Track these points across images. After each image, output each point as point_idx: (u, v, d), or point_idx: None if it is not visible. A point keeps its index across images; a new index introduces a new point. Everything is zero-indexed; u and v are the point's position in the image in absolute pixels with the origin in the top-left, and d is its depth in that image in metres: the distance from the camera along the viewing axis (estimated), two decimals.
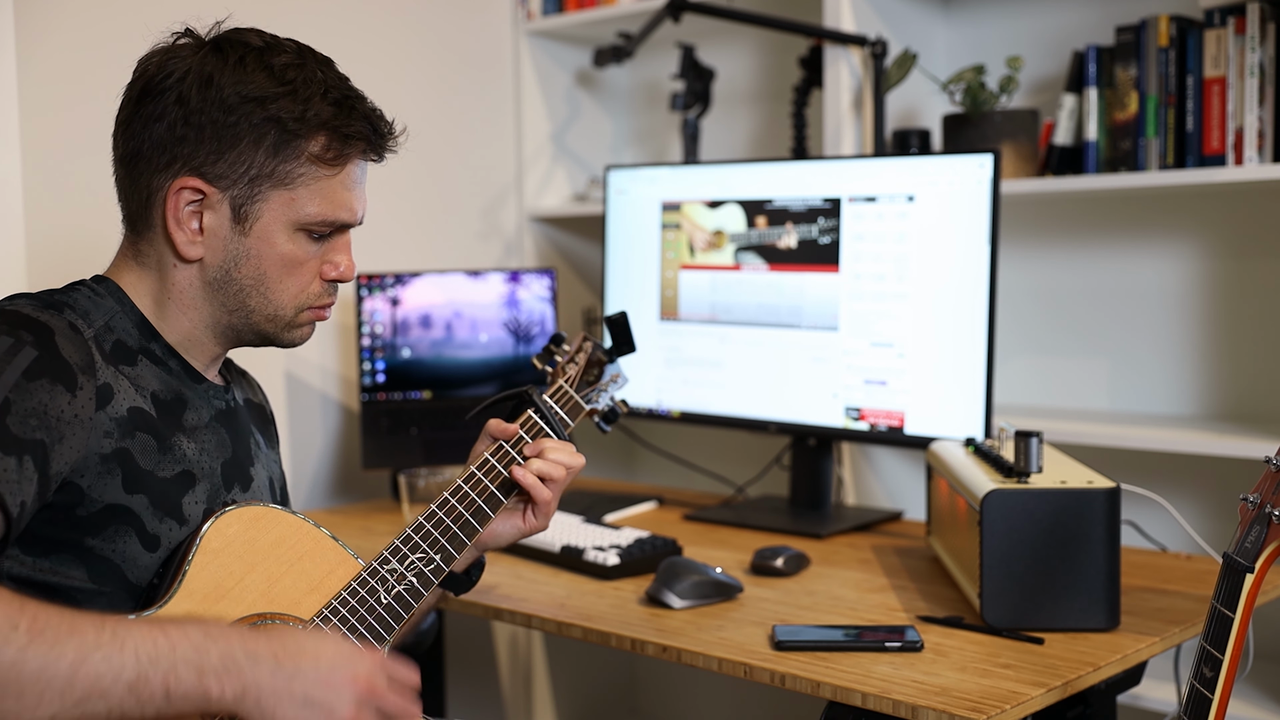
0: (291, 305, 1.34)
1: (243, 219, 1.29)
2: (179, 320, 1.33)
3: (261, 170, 1.28)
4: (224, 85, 1.26)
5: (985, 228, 1.97)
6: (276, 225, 1.30)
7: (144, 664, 1.04)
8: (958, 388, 2.00)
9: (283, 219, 1.30)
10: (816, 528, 2.10)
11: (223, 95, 1.26)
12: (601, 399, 1.68)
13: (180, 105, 1.26)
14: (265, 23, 1.42)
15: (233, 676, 1.08)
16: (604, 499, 2.36)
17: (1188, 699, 1.32)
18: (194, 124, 1.26)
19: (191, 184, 1.27)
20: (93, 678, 1.02)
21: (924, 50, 2.49)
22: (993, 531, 1.56)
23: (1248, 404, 2.27)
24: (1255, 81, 2.01)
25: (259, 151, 1.27)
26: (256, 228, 1.29)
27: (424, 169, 2.71)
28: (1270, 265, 2.23)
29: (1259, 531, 1.27)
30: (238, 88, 1.27)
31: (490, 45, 2.85)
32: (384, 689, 1.16)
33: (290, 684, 1.10)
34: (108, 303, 1.30)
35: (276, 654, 1.11)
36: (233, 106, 1.26)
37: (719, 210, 2.25)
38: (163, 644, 1.06)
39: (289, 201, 1.30)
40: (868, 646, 1.51)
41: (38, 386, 1.15)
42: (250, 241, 1.30)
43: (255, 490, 1.39)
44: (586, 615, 1.67)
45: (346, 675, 1.13)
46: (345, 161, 1.32)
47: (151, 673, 1.05)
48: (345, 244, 1.37)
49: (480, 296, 2.55)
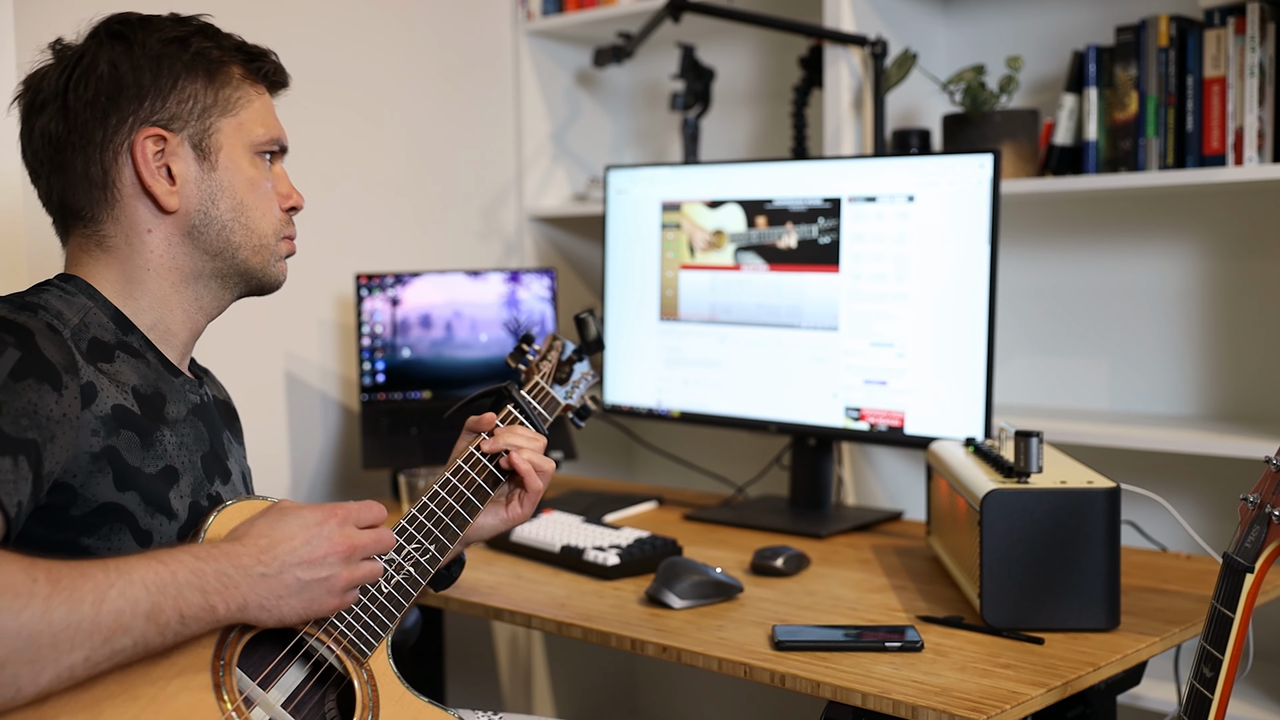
0: (271, 232, 1.37)
1: (206, 154, 1.32)
2: (153, 296, 1.33)
3: (206, 102, 1.32)
4: (143, 40, 1.30)
5: (985, 228, 1.97)
6: (237, 152, 1.34)
7: (154, 593, 1.10)
8: (958, 388, 2.00)
9: (240, 145, 1.34)
10: (816, 528, 2.10)
11: (146, 47, 1.29)
12: (575, 395, 1.72)
13: (111, 68, 1.28)
14: (265, 22, 1.43)
15: (231, 591, 1.14)
16: (604, 499, 2.36)
17: (1188, 699, 1.32)
18: (129, 80, 1.28)
19: (151, 133, 1.29)
20: (114, 614, 1.07)
21: (924, 50, 2.49)
22: (993, 531, 1.56)
23: (1248, 404, 2.27)
24: (1255, 81, 2.01)
25: (197, 84, 1.31)
26: (221, 159, 1.33)
27: (424, 169, 2.71)
28: (1270, 265, 2.23)
29: (1259, 531, 1.27)
30: (157, 35, 1.31)
31: (490, 45, 2.85)
32: (359, 537, 1.24)
33: (281, 578, 1.18)
34: (79, 300, 1.29)
35: (259, 557, 1.17)
36: (159, 54, 1.30)
37: (719, 210, 2.25)
38: (164, 572, 1.11)
39: (239, 127, 1.34)
40: (868, 646, 1.51)
41: (25, 386, 1.15)
42: (220, 174, 1.33)
43: (234, 484, 1.39)
44: (586, 615, 1.67)
45: (324, 545, 1.21)
46: (264, 84, 1.38)
47: (163, 600, 1.10)
48: (285, 174, 1.41)
49: (480, 296, 2.55)
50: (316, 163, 2.50)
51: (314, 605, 1.20)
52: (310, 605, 1.20)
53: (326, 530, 1.22)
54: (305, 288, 2.49)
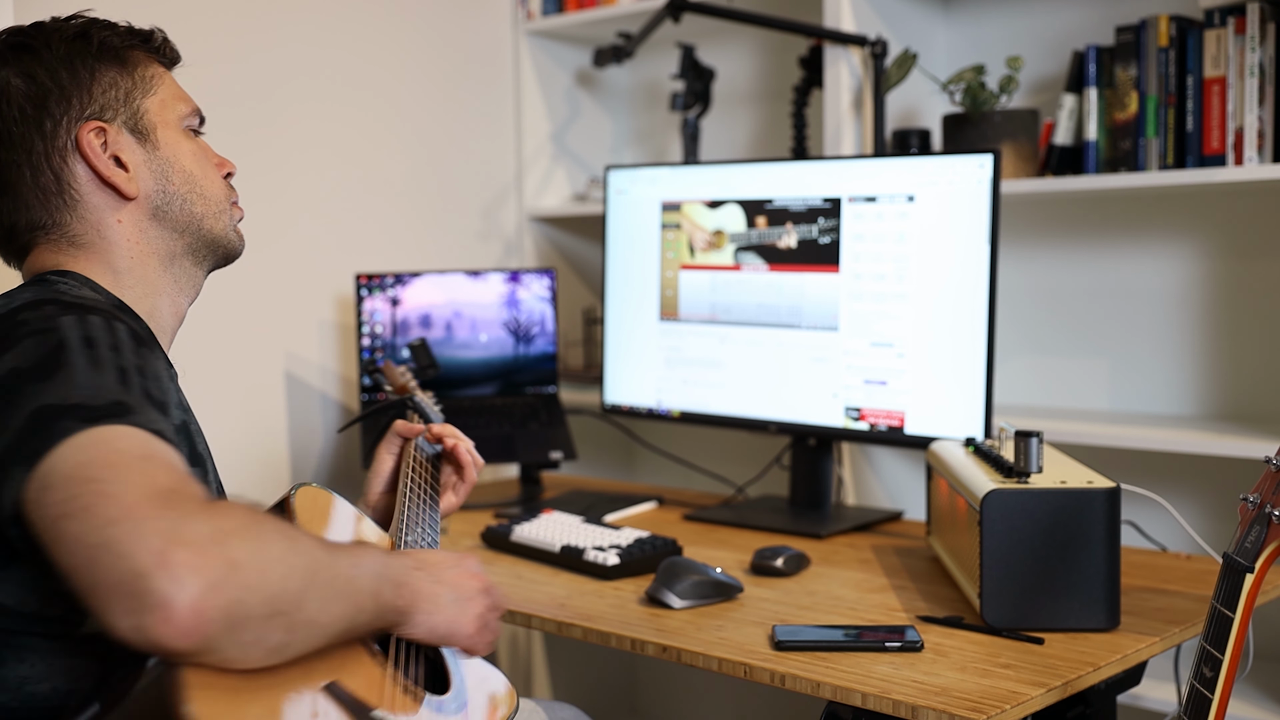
0: (223, 195, 1.39)
1: (144, 136, 1.33)
2: (143, 284, 1.33)
3: (127, 86, 1.32)
4: (46, 43, 1.30)
5: (985, 228, 1.97)
6: (170, 128, 1.35)
7: (375, 578, 1.12)
8: (958, 388, 2.00)
9: (169, 121, 1.35)
10: (816, 528, 2.10)
11: (53, 49, 1.29)
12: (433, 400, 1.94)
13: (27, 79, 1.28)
14: (264, 22, 1.43)
15: (407, 588, 1.16)
16: (604, 499, 2.36)
17: (1188, 699, 1.32)
18: (49, 84, 1.28)
19: (91, 126, 1.29)
20: (358, 584, 1.09)
21: (924, 50, 2.49)
22: (993, 531, 1.56)
23: (1248, 404, 2.27)
24: (1255, 81, 2.01)
25: (113, 72, 1.32)
26: (160, 137, 1.34)
27: (424, 169, 2.71)
28: (1270, 265, 2.23)
29: (1259, 531, 1.27)
30: (57, 35, 1.31)
31: (490, 45, 2.85)
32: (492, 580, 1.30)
33: (439, 587, 1.21)
34: (87, 292, 1.28)
35: (420, 564, 1.20)
36: (66, 52, 1.30)
37: (719, 210, 2.25)
38: (369, 561, 1.13)
39: (162, 104, 1.35)
40: (868, 646, 1.51)
41: (147, 352, 1.16)
42: (164, 151, 1.34)
43: None
44: (586, 615, 1.67)
45: (468, 571, 1.26)
46: (165, 62, 1.39)
47: (379, 584, 1.12)
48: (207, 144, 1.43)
49: (480, 296, 2.55)
50: (316, 162, 2.50)
51: (459, 624, 1.22)
52: (456, 622, 1.22)
53: (468, 564, 1.26)
54: (305, 288, 2.49)
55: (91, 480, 0.97)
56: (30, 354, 1.09)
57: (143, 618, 0.91)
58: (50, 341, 1.10)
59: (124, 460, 1.00)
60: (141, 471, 0.99)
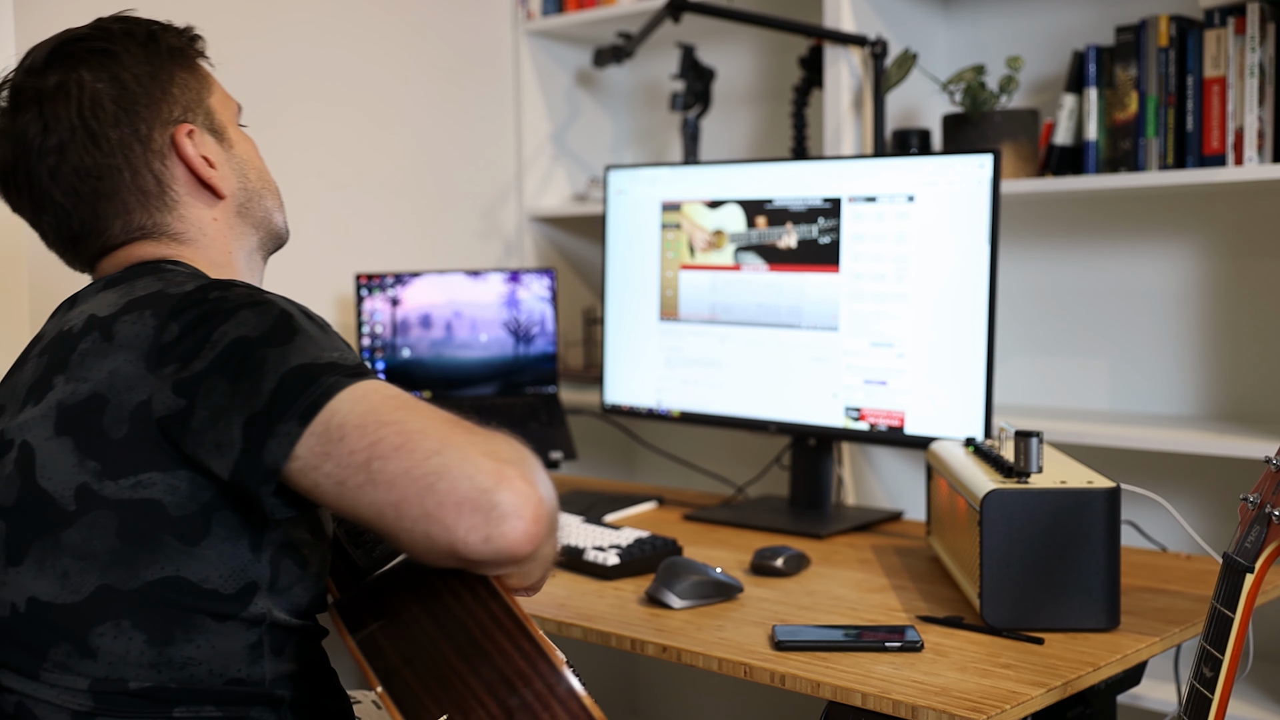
0: (277, 188, 1.42)
1: (220, 134, 1.34)
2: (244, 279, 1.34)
3: (196, 88, 1.34)
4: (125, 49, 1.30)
5: (985, 228, 1.97)
6: (232, 125, 1.37)
7: None
8: (958, 388, 2.00)
9: (229, 117, 1.37)
10: (816, 528, 2.10)
11: (131, 53, 1.30)
12: None
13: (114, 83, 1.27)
14: (264, 22, 1.43)
15: None
16: (604, 499, 2.36)
17: (1188, 699, 1.32)
18: (137, 88, 1.28)
19: (183, 128, 1.30)
20: None
21: (924, 50, 2.49)
22: (993, 531, 1.56)
23: (1248, 404, 2.27)
24: (1255, 81, 2.01)
25: (183, 74, 1.33)
26: (230, 134, 1.36)
27: (424, 169, 2.71)
28: (1270, 265, 2.23)
29: (1259, 531, 1.27)
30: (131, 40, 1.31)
31: (490, 45, 2.85)
32: None
33: None
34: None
35: None
36: (145, 56, 1.30)
37: (719, 210, 2.25)
38: None
39: (222, 102, 1.37)
40: (868, 646, 1.51)
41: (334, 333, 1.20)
42: (237, 148, 1.36)
43: None
44: (586, 615, 1.67)
45: None
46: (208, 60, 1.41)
47: None
48: None
49: (480, 296, 2.55)
50: (317, 162, 2.50)
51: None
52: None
53: None
54: (305, 288, 2.49)
55: (388, 423, 1.04)
56: (254, 323, 1.12)
57: (495, 528, 1.00)
58: (271, 311, 1.14)
59: (405, 402, 1.07)
60: (427, 407, 1.08)
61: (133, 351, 1.14)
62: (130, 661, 1.11)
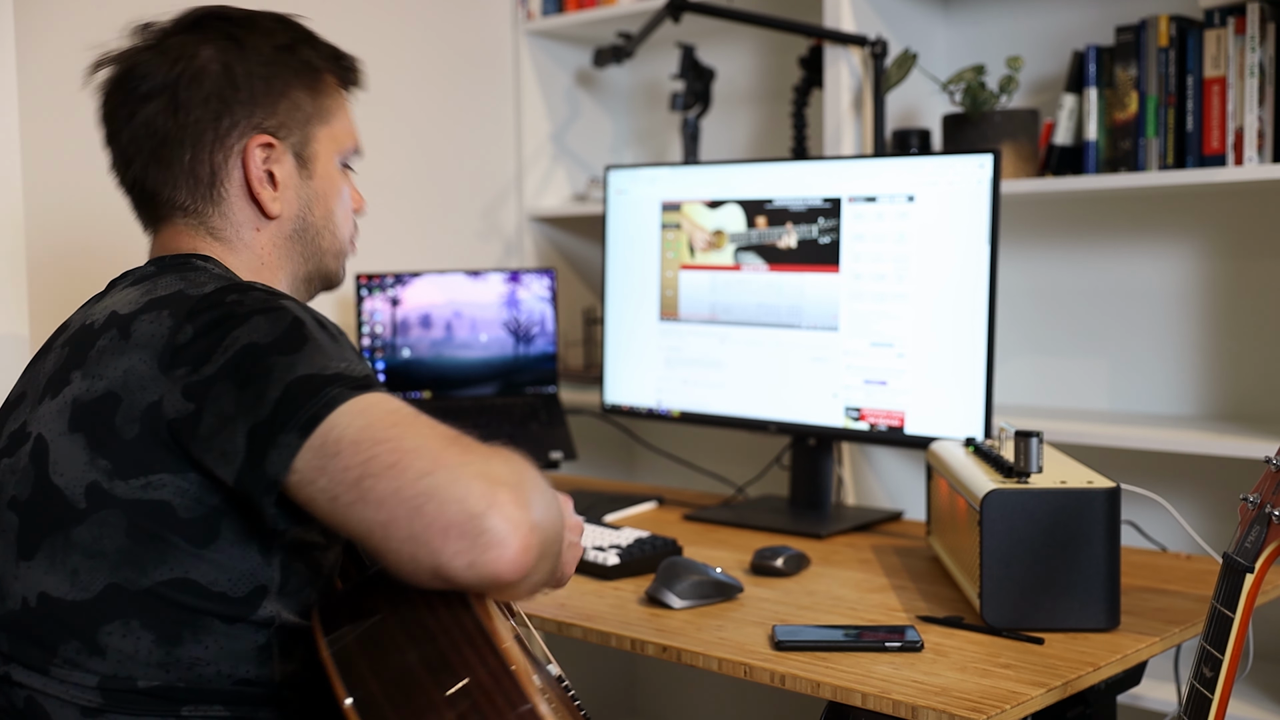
0: (348, 237, 1.40)
1: (305, 163, 1.33)
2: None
3: (309, 111, 1.32)
4: (255, 44, 1.29)
5: (985, 228, 1.97)
6: (329, 161, 1.36)
7: None
8: (958, 388, 2.00)
9: (332, 154, 1.36)
10: (816, 528, 2.10)
11: (260, 52, 1.29)
12: None
13: (224, 70, 1.27)
14: None
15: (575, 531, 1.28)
16: (604, 499, 2.36)
17: (1188, 699, 1.32)
18: (243, 85, 1.28)
19: (262, 140, 1.29)
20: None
21: (924, 50, 2.49)
22: (993, 531, 1.56)
23: (1248, 404, 2.27)
24: (1255, 81, 2.01)
25: (302, 94, 1.32)
26: (317, 168, 1.34)
27: (424, 169, 2.71)
28: (1270, 265, 2.23)
29: (1259, 531, 1.27)
30: (268, 40, 1.30)
31: (490, 45, 2.85)
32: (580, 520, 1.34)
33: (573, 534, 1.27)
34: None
35: None
36: (271, 60, 1.30)
37: (719, 210, 2.25)
38: None
39: (332, 136, 1.35)
40: (868, 646, 1.51)
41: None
42: (316, 183, 1.34)
43: None
44: (586, 615, 1.67)
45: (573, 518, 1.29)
46: (348, 90, 1.40)
47: None
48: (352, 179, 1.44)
49: (480, 296, 2.55)
50: None
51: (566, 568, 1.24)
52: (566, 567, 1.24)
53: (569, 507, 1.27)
54: None
55: (383, 440, 1.02)
56: (266, 330, 1.11)
57: (481, 554, 0.98)
58: (284, 318, 1.12)
59: (404, 418, 1.05)
60: (426, 423, 1.05)
61: (147, 351, 1.14)
62: (139, 660, 1.12)
